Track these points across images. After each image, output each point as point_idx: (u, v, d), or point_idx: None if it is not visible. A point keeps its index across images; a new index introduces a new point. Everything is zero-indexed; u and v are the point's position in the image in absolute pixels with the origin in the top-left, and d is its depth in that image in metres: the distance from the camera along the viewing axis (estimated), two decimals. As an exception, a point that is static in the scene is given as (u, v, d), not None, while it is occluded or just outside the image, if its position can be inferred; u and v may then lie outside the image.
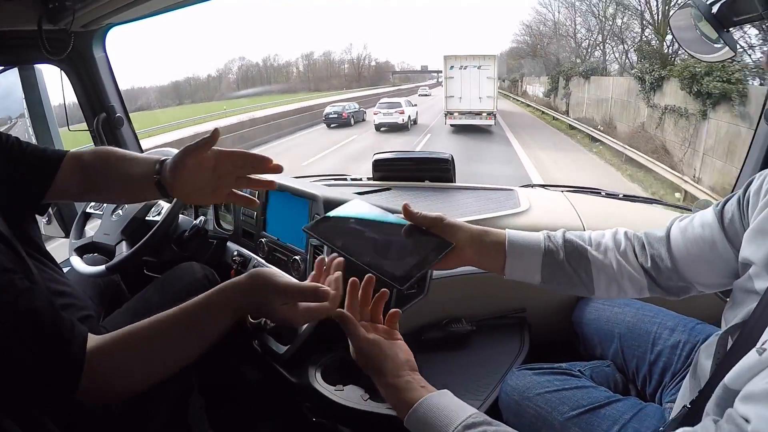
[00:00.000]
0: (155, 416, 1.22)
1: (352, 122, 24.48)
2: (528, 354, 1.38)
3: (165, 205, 1.56)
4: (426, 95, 38.72)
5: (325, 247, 1.27)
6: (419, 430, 0.73)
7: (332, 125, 24.18)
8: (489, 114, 19.07)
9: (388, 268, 0.80)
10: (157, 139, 18.01)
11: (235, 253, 1.67)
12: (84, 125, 2.07)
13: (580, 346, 1.37)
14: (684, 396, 0.86)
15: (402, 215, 0.91)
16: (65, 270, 1.24)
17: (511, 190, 1.90)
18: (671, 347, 1.13)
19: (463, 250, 0.87)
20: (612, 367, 1.22)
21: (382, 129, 21.51)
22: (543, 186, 2.15)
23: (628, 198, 2.00)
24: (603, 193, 2.03)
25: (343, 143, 19.21)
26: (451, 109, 19.44)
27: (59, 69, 1.94)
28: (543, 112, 23.65)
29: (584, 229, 1.44)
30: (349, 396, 1.23)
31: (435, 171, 2.01)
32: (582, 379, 1.11)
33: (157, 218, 1.55)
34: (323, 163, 14.76)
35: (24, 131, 2.16)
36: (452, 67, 19.56)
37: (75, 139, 2.18)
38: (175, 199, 1.49)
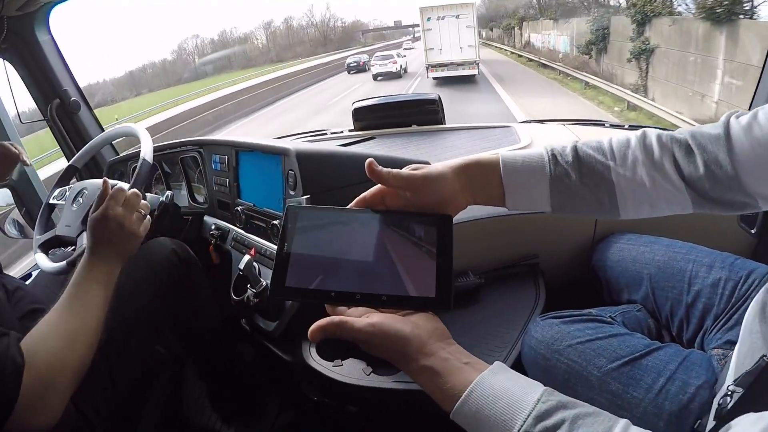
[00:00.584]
0: (148, 412, 1.22)
1: (367, 69, 30.81)
2: (545, 304, 1.25)
3: (125, 186, 1.39)
4: (410, 48, 43.01)
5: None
6: (472, 426, 0.54)
7: (352, 72, 33.36)
8: (472, 64, 18.77)
9: (414, 293, 0.60)
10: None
11: (213, 226, 1.56)
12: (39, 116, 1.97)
13: (603, 292, 1.25)
14: (755, 345, 0.69)
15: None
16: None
17: (508, 126, 1.76)
18: (711, 286, 0.99)
19: (456, 198, 0.68)
20: (643, 312, 1.10)
21: (379, 78, 25.05)
22: (541, 121, 1.99)
23: (634, 128, 1.82)
24: (607, 125, 1.88)
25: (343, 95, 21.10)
26: (433, 62, 19.17)
27: (2, 60, 1.81)
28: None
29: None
30: (350, 372, 1.10)
31: (422, 114, 1.85)
32: (615, 326, 0.98)
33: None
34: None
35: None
36: (429, 18, 19.20)
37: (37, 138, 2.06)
38: (133, 180, 1.34)
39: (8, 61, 1.81)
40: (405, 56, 29.46)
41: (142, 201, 1.16)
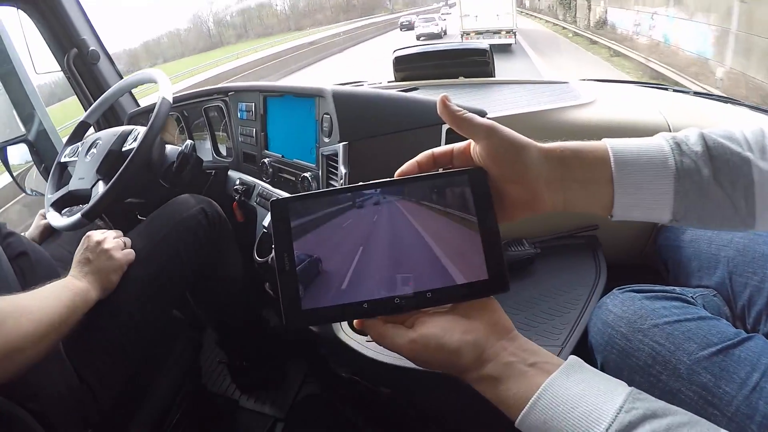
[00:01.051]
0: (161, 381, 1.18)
1: (413, 27, 32.49)
2: (606, 281, 1.12)
3: (142, 130, 1.27)
4: (448, 14, 42.66)
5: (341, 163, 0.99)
6: None
7: (404, 30, 37.41)
8: (508, 32, 18.20)
9: (462, 279, 0.48)
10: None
11: (237, 181, 1.44)
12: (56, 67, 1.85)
13: (668, 273, 1.10)
14: None
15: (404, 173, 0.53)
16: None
17: (566, 82, 1.59)
18: None
19: (540, 193, 0.50)
20: (719, 298, 0.95)
21: (421, 38, 26.22)
22: (601, 81, 1.79)
23: (699, 95, 1.62)
24: (670, 89, 1.68)
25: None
26: (468, 29, 18.86)
27: (17, 9, 1.70)
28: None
29: (670, 129, 1.14)
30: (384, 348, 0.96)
31: (470, 65, 1.69)
32: (699, 308, 0.84)
33: (135, 146, 1.28)
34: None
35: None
36: None
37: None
38: (151, 120, 1.25)
39: (23, 11, 1.72)
40: (445, 20, 31.49)
41: (124, 238, 1.13)
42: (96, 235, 1.06)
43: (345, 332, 1.01)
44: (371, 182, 0.50)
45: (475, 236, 0.49)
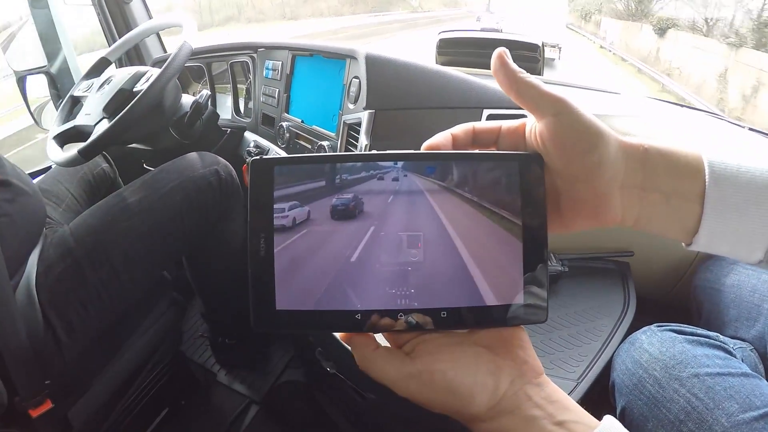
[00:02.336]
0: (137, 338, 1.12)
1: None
2: (635, 314, 1.02)
3: (156, 72, 1.19)
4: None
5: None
6: None
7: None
8: (553, 46, 17.83)
9: (492, 300, 0.37)
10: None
11: (252, 143, 1.37)
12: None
13: (700, 317, 1.00)
14: None
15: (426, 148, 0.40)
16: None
17: (617, 93, 1.52)
18: None
19: (611, 196, 0.38)
20: (756, 354, 0.85)
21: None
22: (655, 99, 1.73)
23: (755, 131, 1.48)
24: (726, 120, 1.58)
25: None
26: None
27: None
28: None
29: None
30: None
31: (519, 60, 1.56)
32: (741, 362, 0.74)
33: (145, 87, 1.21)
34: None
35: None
36: None
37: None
38: (168, 61, 1.17)
39: None
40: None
41: None
42: None
43: None
44: (390, 152, 0.37)
45: (516, 245, 0.37)
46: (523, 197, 0.37)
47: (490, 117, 0.96)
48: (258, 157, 0.36)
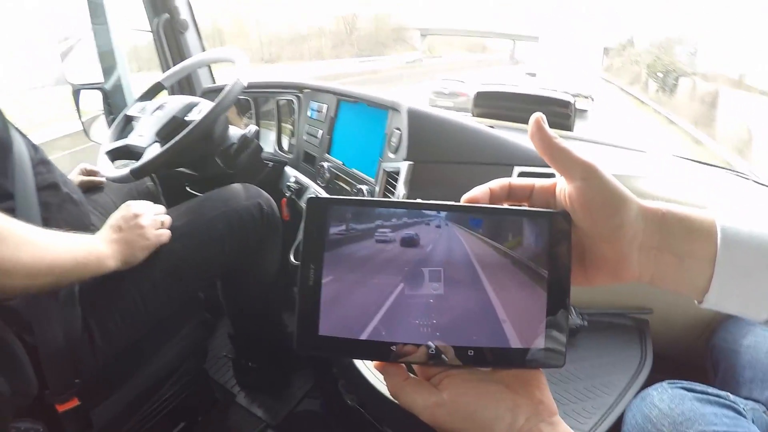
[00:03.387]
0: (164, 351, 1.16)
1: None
2: (651, 371, 1.04)
3: (209, 105, 1.27)
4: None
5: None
6: None
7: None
8: (586, 97, 17.49)
9: (516, 342, 0.40)
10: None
11: (292, 179, 1.43)
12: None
13: (716, 376, 1.00)
14: None
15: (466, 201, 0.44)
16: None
17: (643, 151, 1.54)
18: None
19: (629, 256, 0.42)
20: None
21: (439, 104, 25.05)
22: (683, 158, 1.72)
23: None
24: (751, 180, 1.58)
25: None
26: (544, 88, 18.57)
27: None
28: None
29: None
30: None
31: (551, 115, 1.62)
32: (750, 423, 0.75)
33: (198, 118, 1.28)
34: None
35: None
36: (550, 40, 18.62)
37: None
38: (220, 96, 1.25)
39: None
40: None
41: (164, 216, 1.08)
42: (135, 206, 1.02)
43: (363, 360, 0.96)
44: (434, 202, 0.41)
45: (541, 294, 0.40)
46: (551, 251, 0.40)
47: (522, 174, 1.00)
48: (315, 196, 0.41)
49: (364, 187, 1.10)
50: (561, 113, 1.64)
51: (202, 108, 1.32)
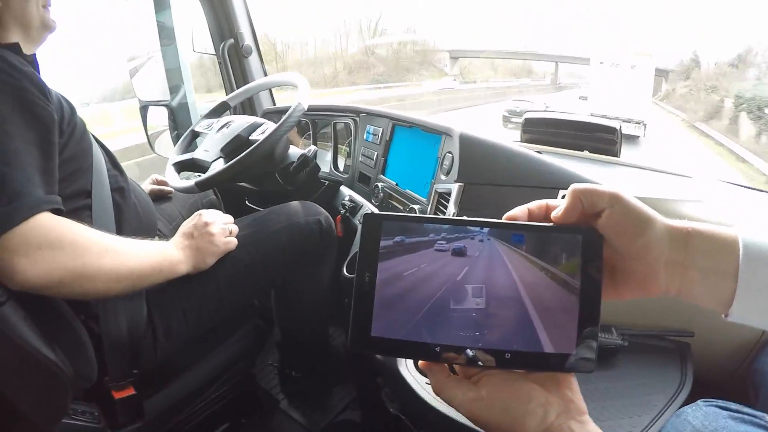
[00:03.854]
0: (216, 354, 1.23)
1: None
2: (689, 393, 1.03)
3: (272, 126, 1.37)
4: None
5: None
6: None
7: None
8: (638, 123, 16.70)
9: (549, 348, 0.44)
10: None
11: (347, 197, 1.50)
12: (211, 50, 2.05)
13: (757, 400, 1.00)
14: None
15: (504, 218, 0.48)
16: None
17: (690, 177, 1.53)
18: None
19: (656, 273, 0.45)
20: None
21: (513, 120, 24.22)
22: (732, 183, 1.70)
23: None
24: None
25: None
26: (596, 113, 17.94)
27: None
28: None
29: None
30: None
31: (597, 141, 1.69)
32: None
33: (262, 138, 1.37)
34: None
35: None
36: (602, 62, 18.11)
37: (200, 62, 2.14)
38: (284, 119, 1.34)
39: None
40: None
41: (232, 225, 1.16)
42: (207, 215, 1.10)
43: (407, 367, 1.00)
44: (477, 219, 0.45)
45: (574, 304, 0.43)
46: (583, 264, 0.44)
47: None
48: (371, 212, 0.47)
49: (416, 207, 1.15)
50: (607, 139, 1.68)
51: (266, 129, 1.41)
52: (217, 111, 1.64)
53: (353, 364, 1.55)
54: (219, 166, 1.36)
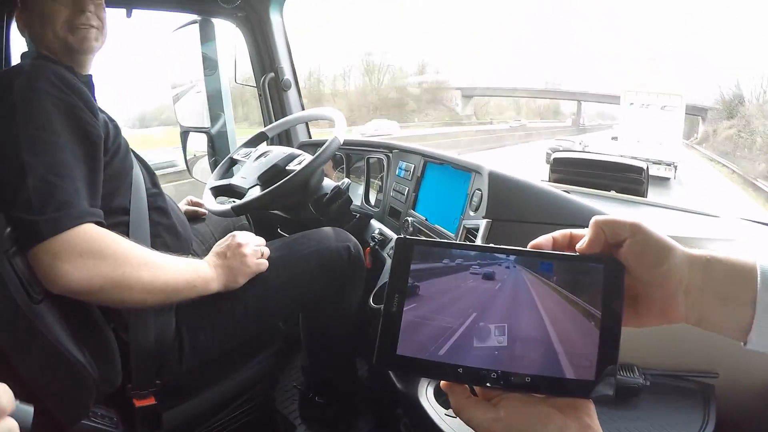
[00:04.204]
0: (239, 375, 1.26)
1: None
2: None
3: (308, 158, 1.43)
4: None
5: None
6: None
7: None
8: (669, 165, 16.34)
9: (570, 374, 0.44)
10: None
11: (377, 231, 1.53)
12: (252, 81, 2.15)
13: None
14: None
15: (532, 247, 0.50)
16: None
17: (717, 216, 1.53)
18: None
19: (675, 300, 0.46)
20: None
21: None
22: (753, 221, 1.69)
23: None
24: None
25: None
26: (626, 154, 17.58)
27: (235, 26, 2.04)
28: None
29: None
30: (462, 429, 0.93)
31: (624, 181, 1.70)
32: None
33: (298, 168, 1.43)
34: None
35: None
36: (632, 103, 17.90)
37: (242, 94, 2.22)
38: (319, 151, 1.40)
39: (240, 29, 2.03)
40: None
41: (264, 247, 1.20)
42: (240, 236, 1.15)
43: (427, 398, 1.02)
44: (503, 246, 0.47)
45: (595, 331, 0.44)
46: (604, 293, 0.45)
47: None
48: (402, 236, 0.49)
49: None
50: (634, 179, 1.69)
51: (303, 160, 1.47)
52: (255, 141, 1.72)
53: (375, 393, 1.55)
54: (255, 192, 1.42)
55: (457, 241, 0.88)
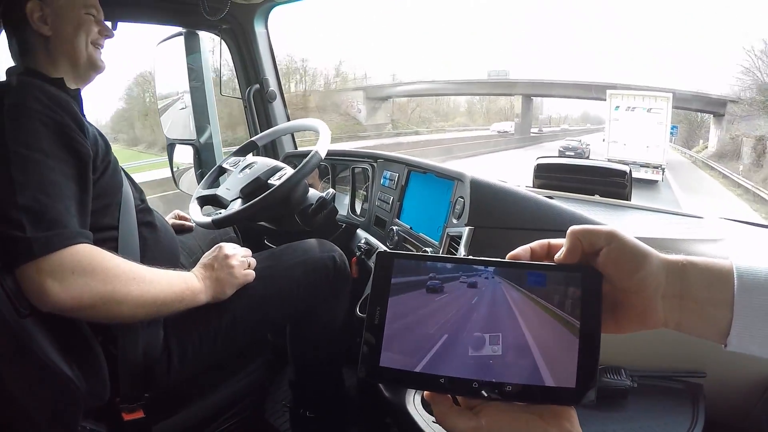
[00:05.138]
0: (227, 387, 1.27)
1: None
2: None
3: (290, 172, 1.45)
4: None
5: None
6: None
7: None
8: (656, 167, 16.49)
9: (550, 382, 0.44)
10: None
11: (363, 240, 1.53)
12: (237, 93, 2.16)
13: None
14: None
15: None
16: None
17: (700, 217, 1.54)
18: None
19: (653, 306, 0.46)
20: None
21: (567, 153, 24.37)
22: (743, 222, 1.70)
23: None
24: None
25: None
26: (613, 157, 17.40)
27: (219, 38, 2.03)
28: None
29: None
30: None
31: (607, 185, 1.71)
32: None
33: (277, 184, 1.43)
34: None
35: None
36: (618, 107, 17.90)
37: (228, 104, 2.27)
38: (300, 166, 1.40)
39: (224, 41, 2.04)
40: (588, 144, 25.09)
41: (251, 258, 1.21)
42: (227, 248, 1.16)
43: (415, 406, 1.02)
44: (481, 258, 0.48)
45: (574, 339, 0.44)
46: (583, 302, 0.45)
47: None
48: (383, 250, 0.51)
49: (429, 250, 1.18)
50: (618, 183, 1.70)
51: (284, 174, 1.47)
52: (245, 149, 1.73)
53: (364, 404, 1.55)
54: (236, 206, 1.42)
55: (438, 254, 0.87)
